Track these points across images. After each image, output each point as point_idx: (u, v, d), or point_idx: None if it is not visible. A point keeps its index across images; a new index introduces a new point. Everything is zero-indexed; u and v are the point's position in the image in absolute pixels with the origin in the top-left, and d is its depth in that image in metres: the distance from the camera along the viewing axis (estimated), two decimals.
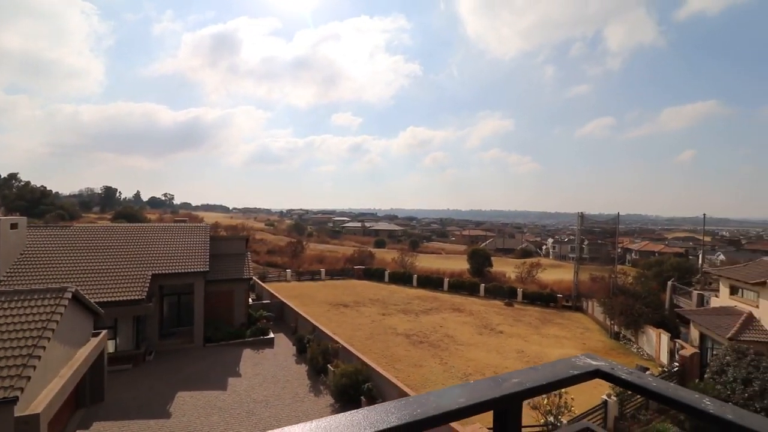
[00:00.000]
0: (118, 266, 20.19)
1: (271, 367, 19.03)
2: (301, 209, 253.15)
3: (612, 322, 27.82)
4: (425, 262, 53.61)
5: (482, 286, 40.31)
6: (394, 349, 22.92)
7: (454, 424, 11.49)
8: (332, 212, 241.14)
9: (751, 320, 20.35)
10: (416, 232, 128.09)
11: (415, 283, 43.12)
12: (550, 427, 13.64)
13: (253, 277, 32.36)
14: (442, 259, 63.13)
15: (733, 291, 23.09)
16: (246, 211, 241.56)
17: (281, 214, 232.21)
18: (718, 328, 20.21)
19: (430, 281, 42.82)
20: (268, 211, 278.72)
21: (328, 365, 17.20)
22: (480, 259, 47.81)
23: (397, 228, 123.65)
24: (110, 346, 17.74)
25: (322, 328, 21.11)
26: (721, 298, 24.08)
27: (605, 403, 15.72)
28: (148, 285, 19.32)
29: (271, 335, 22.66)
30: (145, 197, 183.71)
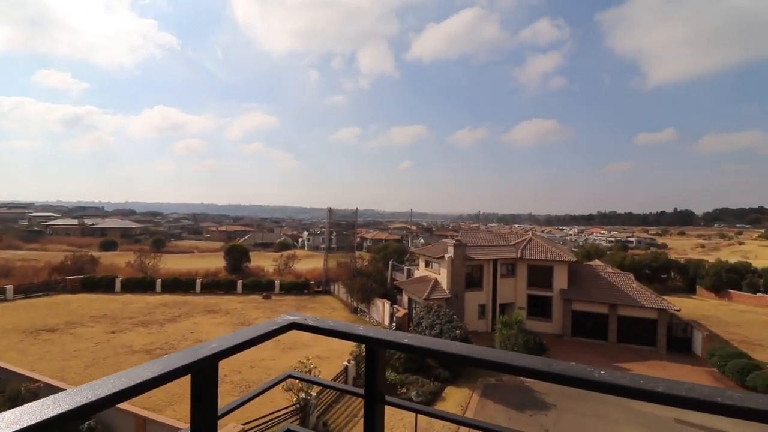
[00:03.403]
0: None
1: None
2: None
3: (352, 299, 32.99)
4: (173, 264, 47.16)
5: (240, 282, 39.31)
6: None
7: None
8: (29, 206, 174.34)
9: (437, 284, 28.66)
10: (161, 229, 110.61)
11: (159, 288, 37.42)
12: (303, 403, 15.01)
13: None
14: (196, 259, 57.30)
15: (427, 264, 31.87)
16: None
17: None
18: (418, 292, 27.47)
19: (179, 284, 38.17)
20: None
21: None
22: (238, 255, 46.33)
23: (134, 225, 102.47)
24: None
25: (9, 367, 15.33)
26: (421, 270, 32.80)
27: (346, 367, 18.62)
28: None
29: None
30: None
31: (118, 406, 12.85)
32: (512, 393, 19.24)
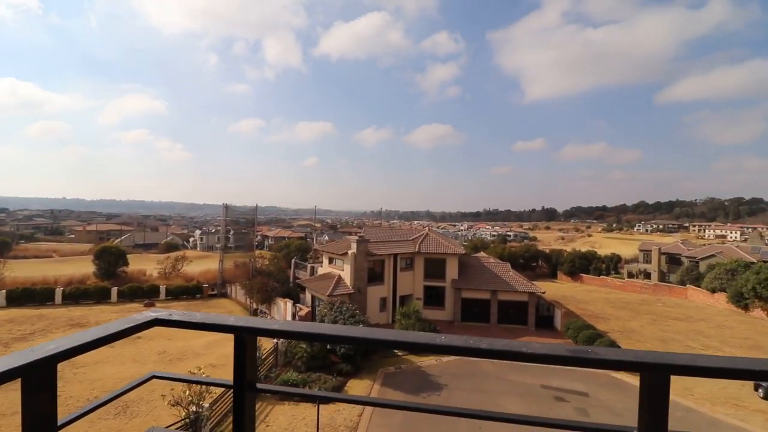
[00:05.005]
0: None
1: None
2: None
3: (251, 301, 31.35)
4: (24, 271, 38.89)
5: (115, 290, 34.37)
6: None
7: None
8: None
9: (340, 280, 28.85)
10: (6, 228, 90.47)
11: (2, 301, 30.67)
12: (193, 416, 13.82)
13: None
14: (56, 264, 48.24)
15: (331, 261, 31.86)
16: None
17: None
18: (321, 289, 27.35)
19: (32, 295, 31.86)
20: None
21: None
22: (111, 258, 40.21)
23: None
24: None
25: None
26: (324, 268, 32.65)
27: None
28: None
29: None
30: None
31: None
32: (410, 379, 20.47)
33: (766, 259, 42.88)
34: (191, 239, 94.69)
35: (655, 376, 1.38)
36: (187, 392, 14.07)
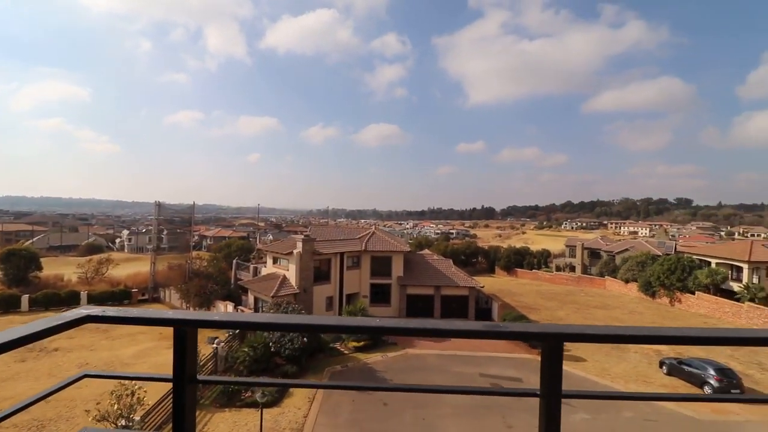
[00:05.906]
0: None
1: None
2: None
3: (187, 305, 29.59)
4: None
5: (26, 297, 30.68)
6: None
7: None
8: None
9: (285, 280, 28.21)
10: None
11: None
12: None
13: None
14: None
15: (275, 261, 31.03)
16: None
17: None
18: (265, 290, 26.56)
19: None
20: None
21: None
22: (21, 262, 35.75)
23: None
24: None
25: None
26: (268, 268, 31.72)
27: None
28: None
29: None
30: None
31: None
32: (356, 376, 20.64)
33: (669, 252, 48.98)
34: (118, 240, 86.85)
35: (552, 344, 1.64)
36: (116, 406, 13.03)
